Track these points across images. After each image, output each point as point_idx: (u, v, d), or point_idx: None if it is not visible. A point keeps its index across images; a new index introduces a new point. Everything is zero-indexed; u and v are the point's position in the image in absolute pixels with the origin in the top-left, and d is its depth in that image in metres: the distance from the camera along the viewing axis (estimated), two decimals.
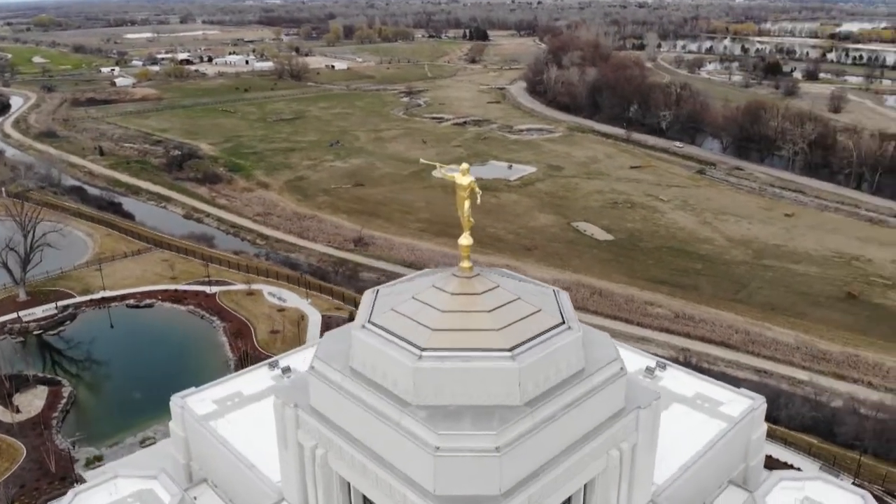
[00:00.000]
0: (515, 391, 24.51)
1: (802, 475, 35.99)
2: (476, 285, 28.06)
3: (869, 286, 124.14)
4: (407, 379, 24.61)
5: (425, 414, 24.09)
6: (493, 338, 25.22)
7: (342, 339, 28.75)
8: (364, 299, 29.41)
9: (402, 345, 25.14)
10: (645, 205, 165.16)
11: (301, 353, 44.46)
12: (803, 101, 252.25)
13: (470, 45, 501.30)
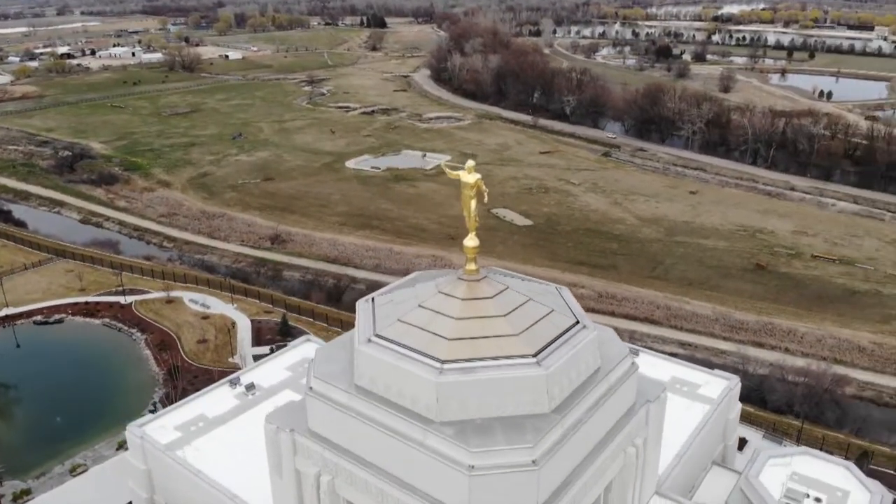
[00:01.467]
0: (544, 398, 23.49)
1: (788, 451, 37.24)
2: (485, 288, 26.72)
3: (774, 257, 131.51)
4: (428, 395, 23.04)
5: (452, 431, 22.63)
6: (514, 344, 24.06)
7: (340, 355, 26.71)
8: (360, 310, 27.43)
9: (420, 358, 23.52)
10: (558, 189, 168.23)
11: (261, 367, 41.63)
12: (695, 83, 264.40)
13: (368, 32, 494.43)
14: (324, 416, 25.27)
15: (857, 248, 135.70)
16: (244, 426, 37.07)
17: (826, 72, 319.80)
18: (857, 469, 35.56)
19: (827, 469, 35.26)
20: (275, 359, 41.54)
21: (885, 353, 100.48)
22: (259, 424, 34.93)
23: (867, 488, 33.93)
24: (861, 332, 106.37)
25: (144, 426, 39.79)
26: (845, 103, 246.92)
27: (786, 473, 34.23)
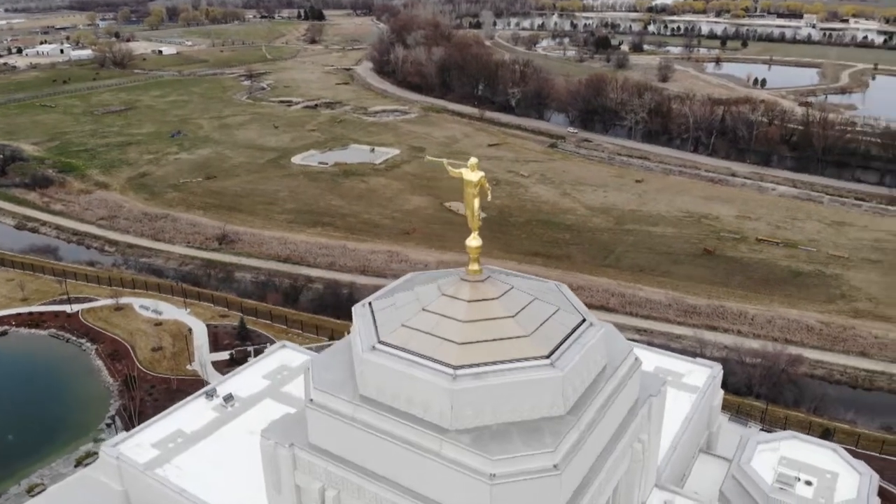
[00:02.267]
0: (559, 400, 22.97)
1: (775, 436, 37.88)
2: (490, 289, 26.00)
3: (721, 241, 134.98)
4: (442, 402, 22.21)
5: (469, 439, 21.87)
6: (526, 345, 23.45)
7: (338, 364, 25.55)
8: (357, 316, 26.31)
9: (431, 365, 22.62)
10: (509, 181, 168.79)
11: (237, 376, 39.79)
12: (635, 73, 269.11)
13: (307, 25, 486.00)
14: (326, 429, 24.16)
15: (798, 231, 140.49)
16: (226, 440, 35.38)
17: (759, 60, 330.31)
18: (843, 451, 36.56)
19: (814, 452, 36.12)
20: (251, 367, 39.89)
21: (832, 332, 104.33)
22: (241, 436, 33.60)
23: (856, 470, 34.92)
24: (808, 311, 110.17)
25: (119, 445, 37.49)
26: (779, 90, 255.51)
27: (775, 458, 34.88)
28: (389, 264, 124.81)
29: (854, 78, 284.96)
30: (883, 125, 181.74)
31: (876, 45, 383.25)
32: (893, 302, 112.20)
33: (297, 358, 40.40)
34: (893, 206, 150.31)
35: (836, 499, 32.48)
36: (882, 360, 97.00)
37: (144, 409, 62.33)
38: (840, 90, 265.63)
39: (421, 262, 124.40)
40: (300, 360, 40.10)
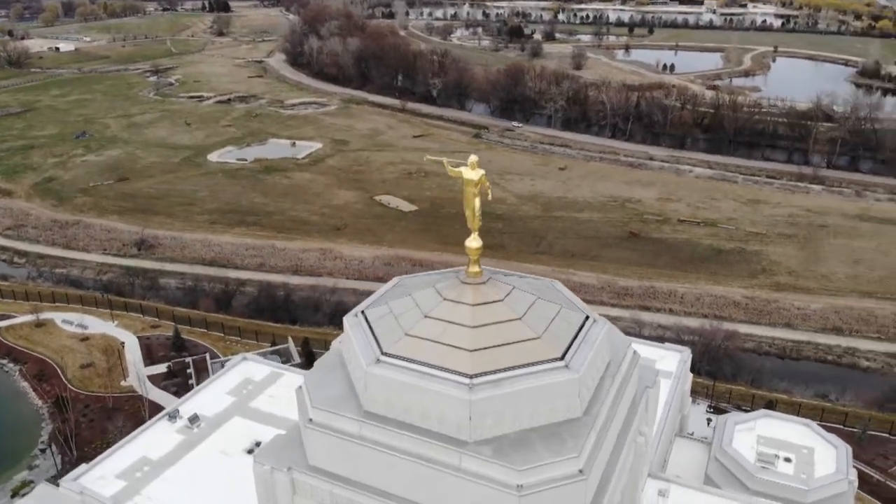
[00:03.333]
0: (576, 402, 22.34)
1: (750, 416, 38.83)
2: (492, 290, 25.05)
3: (644, 224, 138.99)
4: (459, 414, 21.12)
5: (490, 450, 20.90)
6: (539, 347, 22.66)
7: (335, 380, 23.96)
8: (351, 328, 24.76)
9: (445, 376, 21.44)
10: (437, 172, 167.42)
11: (199, 395, 37.06)
12: (550, 61, 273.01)
13: (212, 17, 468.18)
14: (329, 450, 22.63)
15: (717, 210, 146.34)
16: (197, 463, 32.92)
17: (665, 46, 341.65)
18: (816, 426, 37.97)
19: (789, 429, 37.33)
20: (212, 384, 37.36)
21: (757, 306, 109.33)
22: (214, 458, 31.54)
23: (831, 443, 36.31)
24: (733, 287, 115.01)
25: (80, 478, 34.18)
26: (687, 75, 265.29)
27: (753, 438, 35.84)
28: (323, 262, 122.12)
29: (756, 61, 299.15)
30: (787, 105, 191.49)
31: (774, 29, 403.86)
32: (811, 274, 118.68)
33: (259, 371, 38.30)
34: (802, 183, 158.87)
35: (816, 473, 33.70)
36: (806, 330, 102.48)
37: (81, 432, 58.25)
38: (744, 73, 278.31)
39: (356, 258, 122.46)
40: (263, 372, 38.05)
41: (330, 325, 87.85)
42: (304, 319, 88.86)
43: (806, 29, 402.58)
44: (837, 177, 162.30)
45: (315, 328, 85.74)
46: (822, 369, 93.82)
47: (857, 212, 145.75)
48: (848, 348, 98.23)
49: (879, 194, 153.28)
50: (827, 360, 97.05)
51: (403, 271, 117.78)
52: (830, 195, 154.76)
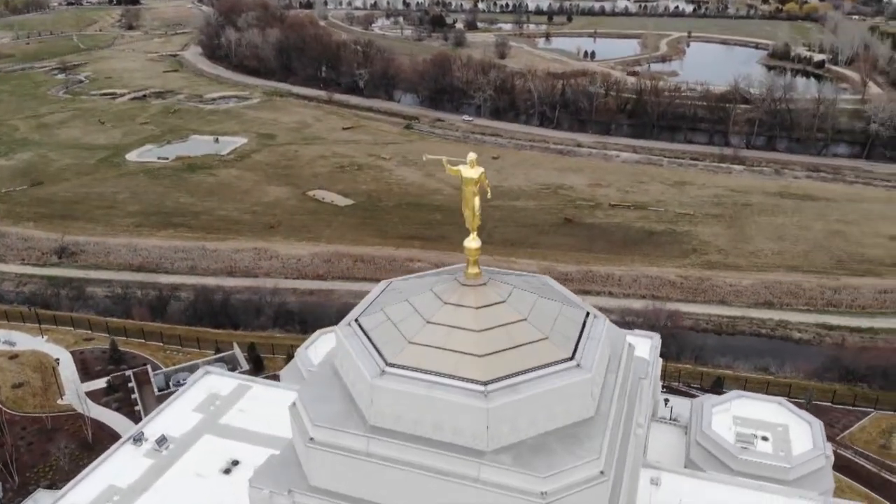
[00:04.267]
0: (589, 402, 21.75)
1: (724, 397, 39.45)
2: (493, 292, 24.06)
3: (578, 209, 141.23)
4: (475, 423, 20.14)
5: (510, 458, 20.03)
6: (548, 348, 21.92)
7: (332, 395, 22.46)
8: (346, 338, 23.20)
9: (457, 384, 20.35)
10: (371, 165, 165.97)
11: (163, 414, 34.34)
12: (475, 51, 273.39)
13: (121, 10, 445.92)
14: (333, 469, 21.23)
15: (645, 193, 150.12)
16: (171, 487, 30.46)
17: (584, 33, 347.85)
18: (789, 404, 39.06)
19: (762, 408, 38.24)
20: (176, 401, 34.93)
21: (691, 285, 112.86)
22: (188, 481, 29.63)
23: (803, 420, 37.42)
24: (667, 268, 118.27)
25: None
26: (607, 62, 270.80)
27: (729, 419, 36.51)
28: (258, 262, 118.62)
29: (671, 46, 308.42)
30: (704, 89, 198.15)
31: (686, 14, 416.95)
32: (740, 252, 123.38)
33: (225, 384, 36.16)
34: (724, 164, 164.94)
35: (794, 451, 34.63)
36: (740, 305, 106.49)
37: (20, 457, 54.26)
38: (661, 58, 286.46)
39: (293, 256, 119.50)
40: (230, 385, 35.97)
41: (275, 327, 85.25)
42: (246, 323, 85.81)
43: (717, 14, 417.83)
44: (757, 156, 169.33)
45: (260, 332, 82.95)
46: (758, 343, 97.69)
47: (777, 189, 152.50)
48: (780, 321, 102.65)
49: (797, 172, 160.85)
50: (761, 334, 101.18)
51: (344, 268, 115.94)
52: (752, 174, 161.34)
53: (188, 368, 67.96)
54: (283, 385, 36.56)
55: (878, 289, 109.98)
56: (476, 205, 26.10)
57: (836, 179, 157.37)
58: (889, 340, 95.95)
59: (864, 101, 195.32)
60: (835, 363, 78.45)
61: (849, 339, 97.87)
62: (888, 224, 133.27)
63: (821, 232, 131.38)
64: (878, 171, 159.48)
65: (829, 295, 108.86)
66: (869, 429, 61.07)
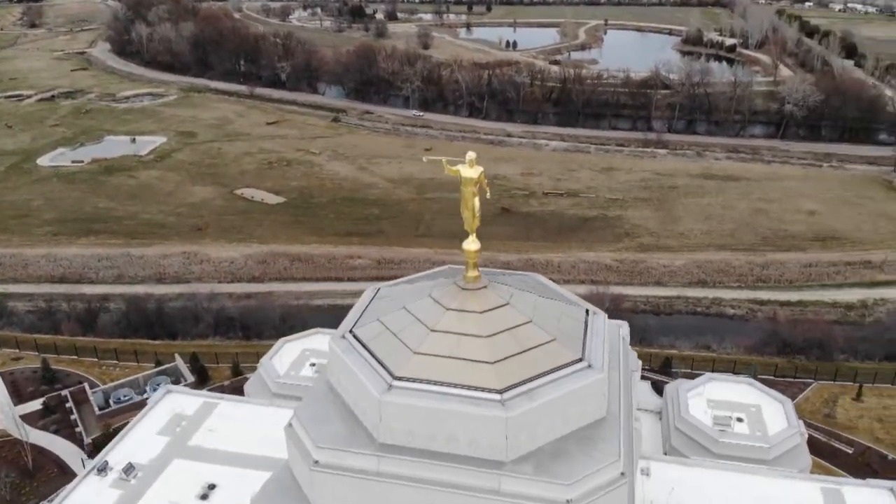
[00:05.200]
0: (602, 401, 21.15)
1: (697, 381, 39.85)
2: (495, 295, 23.07)
3: (513, 199, 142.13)
4: (493, 434, 19.18)
5: (530, 467, 19.20)
6: (557, 350, 21.16)
7: (332, 413, 20.92)
8: (345, 353, 21.65)
9: (472, 394, 19.26)
10: (300, 160, 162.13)
11: (126, 440, 31.52)
12: (398, 41, 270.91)
13: (21, 7, 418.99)
14: (340, 492, 19.81)
15: (576, 181, 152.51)
16: None
17: (504, 23, 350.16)
18: (758, 384, 39.99)
19: (733, 389, 38.93)
20: (137, 425, 32.32)
21: (627, 268, 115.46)
22: None
23: (774, 399, 38.34)
24: (603, 252, 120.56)
25: None
26: (529, 51, 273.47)
27: (704, 403, 37.01)
28: (189, 267, 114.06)
29: (590, 34, 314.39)
30: (625, 76, 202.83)
31: (602, 3, 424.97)
32: (670, 233, 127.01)
33: (189, 403, 33.77)
34: (649, 148, 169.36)
35: (770, 430, 35.43)
36: (675, 285, 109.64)
37: None
38: (580, 46, 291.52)
39: (225, 259, 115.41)
40: (194, 404, 33.65)
41: (215, 335, 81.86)
42: (184, 332, 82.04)
43: (630, 2, 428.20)
44: (679, 140, 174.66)
45: (200, 341, 79.42)
46: (696, 321, 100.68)
47: (700, 171, 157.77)
48: (714, 299, 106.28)
49: (718, 153, 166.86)
50: (697, 312, 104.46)
51: (281, 268, 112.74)
52: (675, 158, 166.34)
53: (129, 384, 64.47)
54: (251, 400, 34.69)
55: (803, 263, 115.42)
56: (476, 205, 25.20)
57: (755, 159, 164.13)
58: (817, 312, 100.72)
59: (776, 82, 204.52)
60: (773, 337, 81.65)
61: (780, 312, 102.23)
62: (806, 200, 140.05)
63: (745, 211, 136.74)
64: (794, 150, 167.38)
65: (758, 271, 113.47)
66: (812, 399, 63.80)
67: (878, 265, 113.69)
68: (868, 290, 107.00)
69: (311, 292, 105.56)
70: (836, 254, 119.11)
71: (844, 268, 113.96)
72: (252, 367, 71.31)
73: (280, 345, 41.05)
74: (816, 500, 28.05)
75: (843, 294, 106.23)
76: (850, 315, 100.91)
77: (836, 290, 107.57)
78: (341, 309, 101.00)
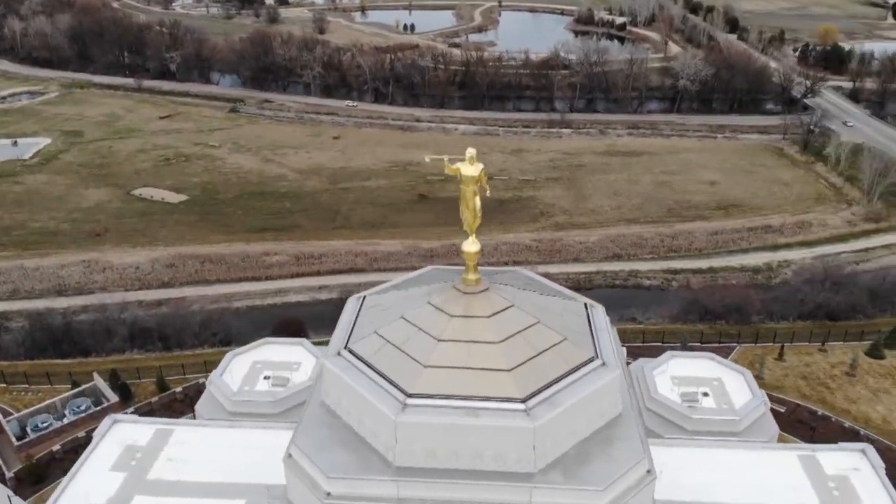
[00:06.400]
0: (618, 398, 20.39)
1: (659, 359, 40.01)
2: (498, 297, 21.78)
3: (430, 185, 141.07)
4: (521, 445, 18.01)
5: (560, 475, 18.18)
6: (570, 350, 20.18)
7: (338, 437, 19.06)
8: (344, 372, 19.71)
9: (494, 406, 17.92)
10: (200, 154, 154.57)
11: (77, 481, 27.59)
12: (293, 27, 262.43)
13: None
14: None
15: (489, 164, 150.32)
16: None
17: (399, 6, 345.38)
18: (718, 357, 40.86)
19: (694, 364, 39.50)
20: (87, 462, 28.78)
21: (546, 247, 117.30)
22: None
23: (735, 370, 39.23)
24: (521, 233, 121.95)
25: None
26: (427, 34, 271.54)
27: (668, 380, 37.38)
28: (90, 276, 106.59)
29: (485, 16, 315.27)
30: (524, 57, 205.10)
31: None
32: (582, 211, 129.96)
33: (140, 432, 30.44)
34: (554, 129, 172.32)
35: (736, 403, 36.28)
36: (592, 261, 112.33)
37: None
38: (477, 29, 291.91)
39: (129, 265, 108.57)
40: (146, 433, 30.36)
41: (132, 349, 76.66)
42: (98, 348, 76.18)
43: None
44: (582, 119, 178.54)
45: (117, 356, 74.06)
46: (617, 294, 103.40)
47: (604, 149, 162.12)
48: (631, 271, 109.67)
49: (619, 130, 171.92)
50: (616, 286, 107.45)
51: (192, 271, 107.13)
52: (580, 137, 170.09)
53: (45, 409, 59.22)
54: (208, 423, 31.98)
55: (709, 231, 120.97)
56: (477, 205, 23.77)
57: (655, 134, 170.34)
58: (727, 277, 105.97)
59: (667, 59, 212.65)
60: (694, 305, 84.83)
61: (693, 280, 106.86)
62: (705, 171, 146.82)
63: (649, 184, 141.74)
64: (690, 123, 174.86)
65: (669, 242, 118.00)
66: (739, 362, 66.20)
67: (778, 229, 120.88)
68: (772, 253, 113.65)
69: (227, 294, 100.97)
70: (738, 221, 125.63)
71: (748, 233, 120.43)
72: (178, 381, 67.49)
73: (228, 359, 38.40)
74: (795, 467, 28.99)
75: (750, 258, 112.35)
76: (757, 278, 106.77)
77: (742, 256, 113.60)
78: (262, 310, 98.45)
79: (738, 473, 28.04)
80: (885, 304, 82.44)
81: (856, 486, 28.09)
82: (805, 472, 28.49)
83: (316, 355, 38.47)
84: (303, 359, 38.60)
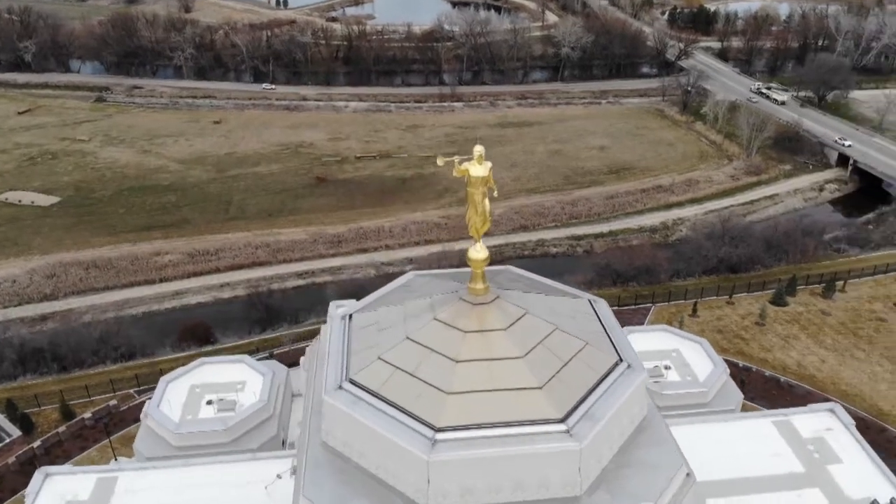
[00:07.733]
0: (645, 401, 18.94)
1: None
2: (510, 305, 19.65)
3: (326, 167, 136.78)
4: (567, 469, 16.17)
5: (607, 495, 16.53)
6: (593, 355, 18.39)
7: (354, 481, 16.52)
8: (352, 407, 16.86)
9: (536, 430, 15.98)
10: (68, 150, 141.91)
11: None
12: (156, 6, 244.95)
13: None
14: None
15: (385, 142, 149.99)
16: None
17: None
18: (672, 328, 40.97)
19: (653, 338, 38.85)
20: None
21: (454, 223, 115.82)
22: None
23: (691, 340, 39.26)
24: (428, 211, 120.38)
25: None
26: (302, 8, 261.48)
27: None
28: None
29: None
30: (406, 29, 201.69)
31: None
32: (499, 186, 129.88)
33: (79, 485, 26.08)
34: (446, 103, 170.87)
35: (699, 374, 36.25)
36: (500, 234, 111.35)
37: None
38: (354, 2, 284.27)
39: (4, 278, 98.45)
40: (86, 483, 26.18)
41: (26, 373, 69.14)
42: None
43: None
44: (471, 92, 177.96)
45: (9, 383, 66.46)
46: (528, 264, 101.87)
47: (497, 121, 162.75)
48: (538, 241, 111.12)
49: (509, 101, 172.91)
50: (525, 255, 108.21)
51: (76, 279, 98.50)
52: (472, 110, 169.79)
53: None
54: (155, 464, 28.18)
55: (605, 195, 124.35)
56: (487, 208, 21.52)
57: (542, 103, 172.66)
58: (627, 239, 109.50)
59: (546, 27, 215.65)
60: (606, 270, 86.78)
61: (595, 244, 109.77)
62: (594, 137, 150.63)
63: (544, 154, 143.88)
64: (574, 91, 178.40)
65: (569, 209, 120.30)
66: (657, 322, 68.69)
67: (668, 188, 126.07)
68: (666, 212, 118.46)
69: (120, 302, 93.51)
70: (630, 183, 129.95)
71: (641, 195, 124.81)
72: (84, 405, 61.43)
73: (163, 386, 34.35)
74: (772, 433, 29.54)
75: (646, 219, 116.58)
76: (655, 237, 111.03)
77: (639, 217, 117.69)
78: (162, 315, 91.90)
79: (721, 448, 28.20)
80: (780, 253, 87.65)
81: (833, 446, 28.97)
82: (784, 438, 29.10)
83: (261, 371, 35.35)
84: (247, 377, 35.31)
